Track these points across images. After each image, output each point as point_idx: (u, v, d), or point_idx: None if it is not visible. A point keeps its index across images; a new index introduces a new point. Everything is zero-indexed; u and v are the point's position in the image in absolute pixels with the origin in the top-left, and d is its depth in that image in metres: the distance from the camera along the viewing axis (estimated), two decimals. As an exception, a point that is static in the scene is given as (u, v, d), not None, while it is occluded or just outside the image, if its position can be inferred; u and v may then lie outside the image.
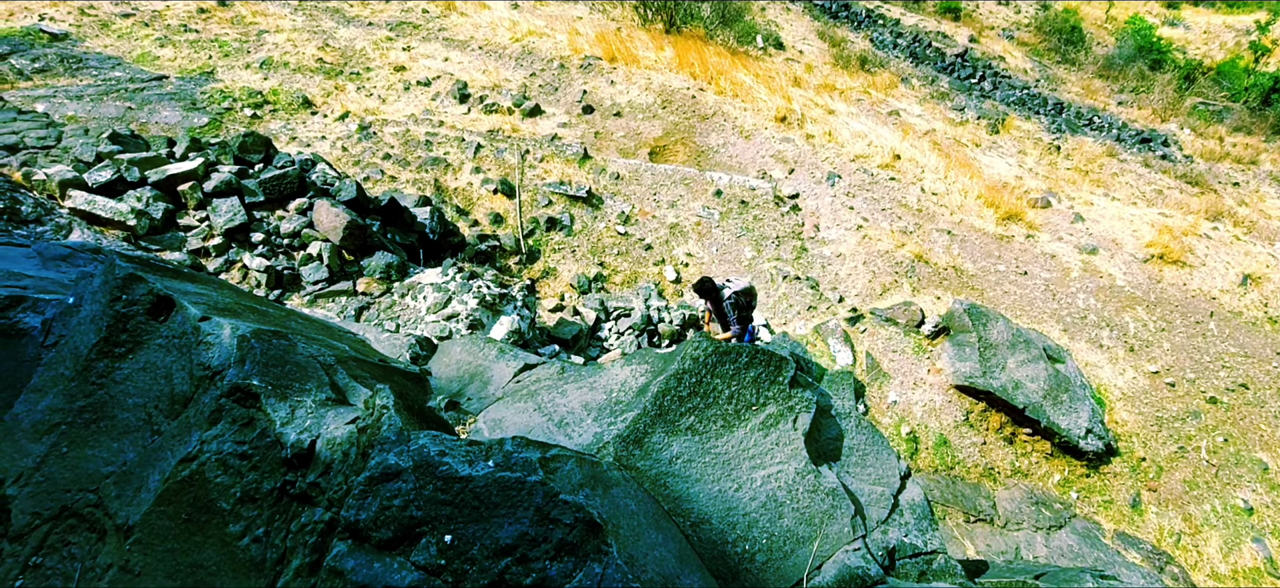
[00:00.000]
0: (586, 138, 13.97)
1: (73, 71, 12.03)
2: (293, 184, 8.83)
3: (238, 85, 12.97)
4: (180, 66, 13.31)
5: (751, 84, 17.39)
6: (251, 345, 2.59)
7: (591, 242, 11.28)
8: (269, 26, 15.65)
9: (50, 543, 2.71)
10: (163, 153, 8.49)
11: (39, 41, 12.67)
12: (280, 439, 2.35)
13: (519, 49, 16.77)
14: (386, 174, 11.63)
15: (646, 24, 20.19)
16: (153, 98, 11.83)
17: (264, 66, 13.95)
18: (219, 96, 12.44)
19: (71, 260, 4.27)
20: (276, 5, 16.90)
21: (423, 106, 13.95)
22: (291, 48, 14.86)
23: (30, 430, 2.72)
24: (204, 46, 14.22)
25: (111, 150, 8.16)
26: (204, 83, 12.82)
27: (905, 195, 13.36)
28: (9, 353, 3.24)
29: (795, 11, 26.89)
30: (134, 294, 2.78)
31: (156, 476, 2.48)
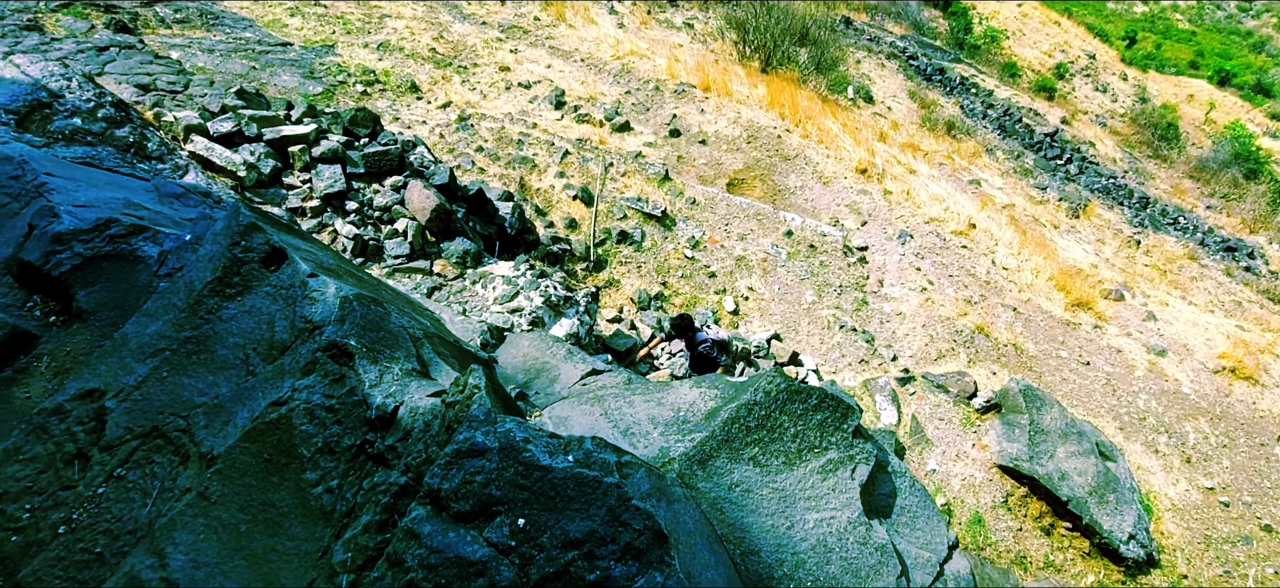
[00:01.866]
0: (669, 160, 14.03)
1: (209, 27, 12.68)
2: (392, 161, 9.07)
3: (354, 62, 13.46)
4: (305, 37, 13.89)
5: (837, 132, 17.22)
6: (352, 307, 2.66)
7: (658, 260, 11.29)
8: (391, 11, 16.23)
9: (136, 458, 2.82)
10: (280, 114, 8.85)
11: (187, -6, 13.42)
12: (367, 400, 2.41)
13: (618, 66, 16.98)
14: (477, 165, 11.88)
15: (744, 60, 20.22)
16: (275, 62, 12.37)
17: (381, 48, 14.45)
18: (336, 70, 12.92)
19: (184, 199, 4.46)
20: (400, -7, 17.54)
21: (520, 107, 14.22)
22: (409, 34, 15.36)
23: (136, 351, 2.85)
24: (329, 22, 14.82)
25: (236, 104, 8.54)
26: (324, 55, 13.34)
27: (975, 265, 13.00)
28: (126, 277, 3.40)
29: (889, 69, 26.57)
30: (252, 242, 2.89)
31: (246, 413, 2.57)
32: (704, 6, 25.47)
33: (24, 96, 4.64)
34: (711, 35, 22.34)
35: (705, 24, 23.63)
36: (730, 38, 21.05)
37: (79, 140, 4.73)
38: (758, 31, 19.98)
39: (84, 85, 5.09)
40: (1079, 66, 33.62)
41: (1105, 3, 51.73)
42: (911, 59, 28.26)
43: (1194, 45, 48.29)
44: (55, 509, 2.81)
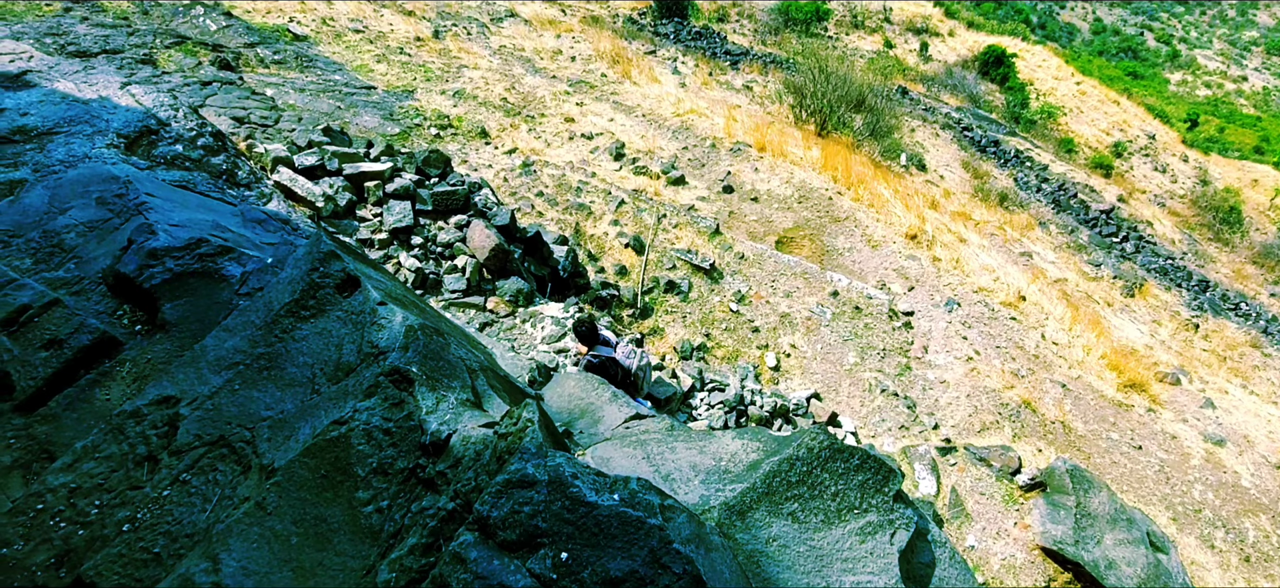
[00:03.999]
0: (721, 215, 14.07)
1: (303, 69, 13.32)
2: (458, 201, 9.32)
3: (431, 107, 13.94)
4: (388, 82, 14.47)
5: (888, 197, 17.05)
6: (416, 336, 2.72)
7: (703, 312, 11.25)
8: (469, 63, 16.82)
9: (201, 465, 2.91)
10: (360, 151, 9.20)
11: (283, 38, 14.14)
12: (422, 425, 2.45)
13: (678, 123, 17.20)
14: (536, 209, 12.10)
15: (800, 123, 20.28)
16: (359, 103, 12.89)
17: (456, 95, 14.94)
18: (413, 113, 13.40)
19: (265, 225, 4.64)
20: (479, 46, 18.17)
21: (581, 157, 14.49)
22: (483, 84, 15.88)
23: (213, 363, 2.96)
24: (412, 69, 15.42)
25: (321, 141, 8.92)
26: (403, 99, 13.86)
27: (1024, 338, 12.61)
28: (209, 293, 3.55)
29: (943, 139, 26.32)
30: (329, 269, 3.00)
31: (307, 430, 2.63)
32: (763, 70, 25.73)
33: (136, 123, 4.94)
34: (769, 98, 22.51)
35: (764, 87, 23.84)
36: (788, 101, 21.17)
37: (178, 165, 4.99)
38: (815, 96, 20.05)
39: (188, 116, 5.39)
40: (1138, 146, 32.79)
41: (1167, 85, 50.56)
42: (966, 130, 27.94)
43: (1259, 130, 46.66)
44: (122, 508, 2.91)
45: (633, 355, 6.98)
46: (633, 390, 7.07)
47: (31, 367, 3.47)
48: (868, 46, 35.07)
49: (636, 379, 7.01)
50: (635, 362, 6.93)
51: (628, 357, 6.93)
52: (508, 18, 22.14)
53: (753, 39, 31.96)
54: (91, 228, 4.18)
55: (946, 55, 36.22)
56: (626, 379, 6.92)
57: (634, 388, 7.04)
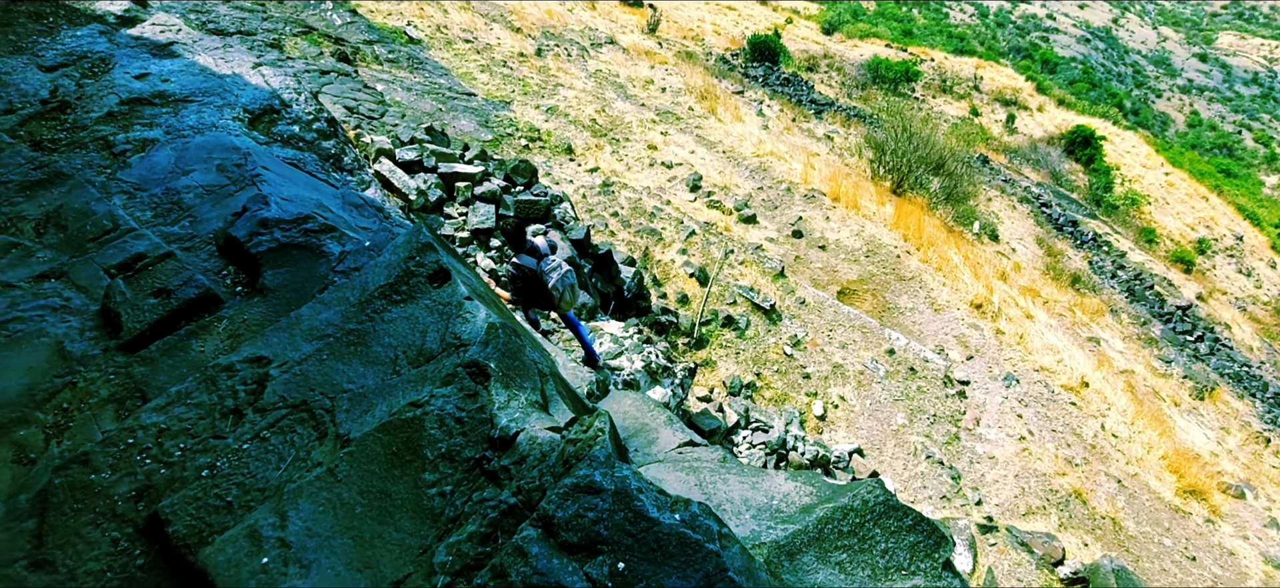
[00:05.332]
0: (787, 258, 13.91)
1: (412, 70, 13.84)
2: (539, 211, 9.48)
3: (524, 119, 14.27)
4: (489, 91, 14.89)
5: (957, 263, 16.56)
6: (497, 334, 2.77)
7: (757, 351, 11.08)
8: (565, 82, 17.18)
9: (282, 425, 3.00)
10: (456, 153, 9.47)
11: (399, 39, 14.73)
12: (493, 419, 2.47)
13: (756, 163, 17.15)
14: (609, 228, 12.19)
15: (876, 179, 19.95)
16: (459, 108, 13.29)
17: (549, 111, 15.27)
18: (507, 123, 13.74)
19: (361, 210, 4.79)
20: (577, 68, 18.55)
21: (659, 184, 14.57)
22: (575, 104, 16.18)
23: (306, 332, 3.06)
24: (511, 82, 15.84)
25: (423, 139, 9.23)
26: (500, 109, 14.23)
27: (1082, 425, 11.99)
28: (308, 267, 3.69)
29: (1020, 213, 25.46)
30: (425, 259, 3.08)
31: (384, 407, 2.69)
32: (846, 123, 25.46)
33: (261, 101, 5.21)
34: (849, 150, 22.23)
35: (844, 139, 23.57)
36: (867, 155, 20.87)
37: (292, 144, 5.22)
38: (894, 154, 19.71)
39: (308, 101, 5.65)
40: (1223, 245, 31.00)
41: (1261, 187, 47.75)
42: (1044, 206, 26.97)
43: (1357, 247, 43.44)
44: (203, 454, 3.01)
45: (556, 271, 6.40)
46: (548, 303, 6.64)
47: (139, 311, 3.65)
48: (953, 112, 34.32)
49: (556, 296, 6.49)
50: (556, 277, 6.38)
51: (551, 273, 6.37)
52: (607, 45, 22.54)
53: (839, 91, 31.68)
54: (209, 192, 4.40)
55: (1033, 129, 35.11)
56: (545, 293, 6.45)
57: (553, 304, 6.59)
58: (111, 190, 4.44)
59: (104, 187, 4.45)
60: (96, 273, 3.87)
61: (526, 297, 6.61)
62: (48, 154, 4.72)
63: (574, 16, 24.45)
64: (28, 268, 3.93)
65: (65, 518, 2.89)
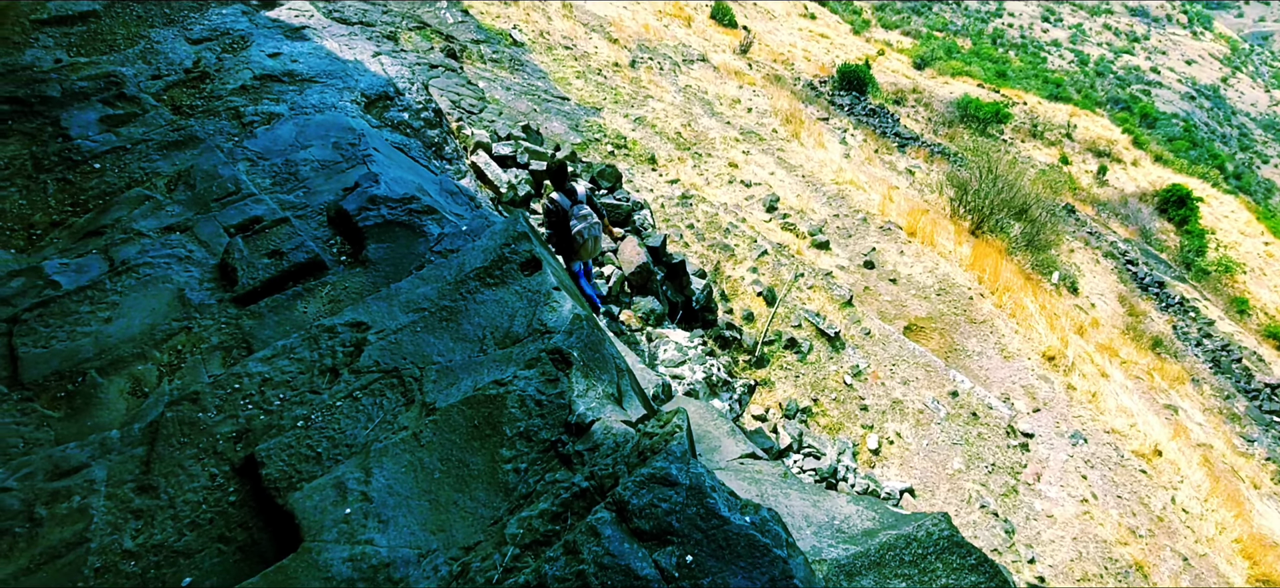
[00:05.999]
0: (856, 287, 13.58)
1: (513, 70, 14.21)
2: (620, 215, 9.57)
3: (612, 126, 14.44)
4: (581, 97, 15.14)
5: (1032, 312, 15.82)
6: (581, 325, 2.82)
7: (817, 377, 10.83)
8: (655, 94, 17.31)
9: (373, 389, 3.12)
10: (547, 152, 9.67)
11: (504, 41, 15.17)
12: (571, 406, 2.52)
13: (835, 190, 16.85)
14: (684, 239, 12.19)
15: (955, 217, 19.31)
16: (552, 110, 13.57)
17: (636, 121, 15.41)
18: (596, 128, 13.93)
19: (455, 197, 4.93)
20: (667, 82, 18.67)
21: (736, 201, 14.49)
22: (662, 115, 16.27)
23: (404, 304, 3.18)
24: (604, 89, 16.07)
25: (519, 136, 9.48)
26: (591, 114, 14.45)
27: (1151, 496, 11.23)
28: (408, 244, 3.84)
29: (1103, 267, 24.18)
30: (519, 248, 3.18)
31: (469, 383, 2.77)
32: (929, 158, 24.75)
33: (378, 87, 5.46)
34: (929, 186, 21.59)
35: (926, 174, 22.90)
36: (947, 193, 20.22)
37: (401, 130, 5.45)
38: (976, 194, 19.02)
39: (419, 90, 5.89)
40: (1326, 326, 28.58)
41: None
42: (1130, 263, 25.51)
43: None
44: (300, 406, 3.16)
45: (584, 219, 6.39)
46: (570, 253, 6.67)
47: (254, 269, 3.87)
48: (1042, 157, 32.90)
49: (578, 243, 6.48)
50: (583, 226, 6.36)
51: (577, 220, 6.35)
52: (699, 62, 22.60)
53: (925, 126, 30.83)
54: (324, 166, 4.63)
55: (1125, 183, 33.31)
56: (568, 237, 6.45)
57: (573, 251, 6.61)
58: (237, 157, 4.72)
59: (231, 153, 4.74)
60: (217, 230, 4.12)
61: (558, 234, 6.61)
62: (185, 118, 5.06)
63: (670, 33, 24.62)
64: (158, 220, 4.22)
65: (171, 450, 3.07)
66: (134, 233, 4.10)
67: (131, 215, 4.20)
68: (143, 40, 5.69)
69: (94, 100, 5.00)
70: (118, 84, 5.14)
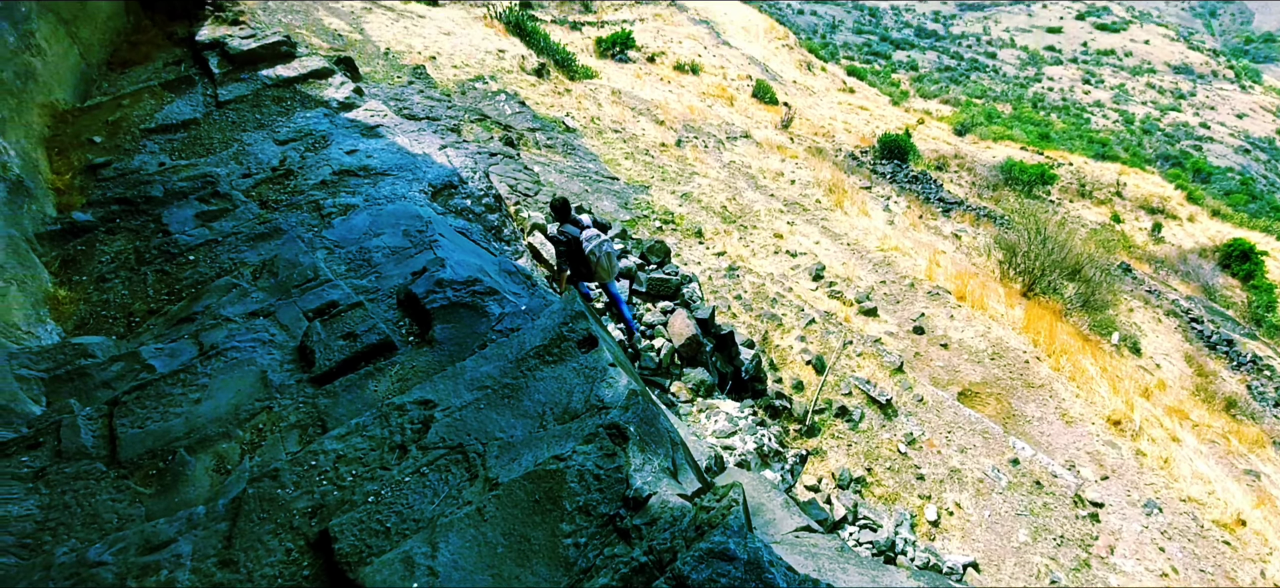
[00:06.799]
0: (907, 353, 13.22)
1: (565, 154, 14.70)
2: (669, 289, 9.63)
3: (659, 203, 14.69)
4: (630, 177, 15.50)
5: (1093, 374, 15.08)
6: (637, 400, 2.85)
7: (870, 446, 10.45)
8: (700, 171, 17.61)
9: (439, 464, 3.18)
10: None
11: (558, 128, 15.76)
12: (629, 480, 2.52)
13: (880, 256, 16.65)
14: (732, 310, 12.15)
15: (1005, 279, 18.78)
16: (603, 190, 13.91)
17: (683, 197, 15.65)
18: (644, 205, 14.19)
19: (514, 277, 5.07)
20: (712, 158, 19.00)
21: (782, 271, 14.44)
22: (708, 191, 16.50)
23: (468, 382, 3.27)
24: (651, 169, 16.44)
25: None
26: (639, 192, 14.75)
27: (1237, 569, 10.34)
28: (471, 324, 3.96)
29: (1166, 326, 23.03)
30: (576, 326, 3.25)
31: (530, 457, 2.81)
32: (975, 222, 24.30)
33: (444, 177, 5.73)
34: (977, 250, 21.13)
35: (973, 238, 22.46)
36: (996, 256, 19.73)
37: (464, 215, 5.67)
38: (1026, 256, 18.51)
39: (482, 178, 6.15)
40: None
41: None
42: (1194, 322, 24.22)
43: None
44: (370, 481, 3.23)
45: (594, 239, 6.59)
46: (589, 274, 6.87)
47: (330, 350, 4.02)
48: (1092, 217, 31.94)
49: (593, 263, 6.66)
50: (593, 244, 6.57)
51: (589, 241, 6.56)
52: (742, 138, 22.97)
53: (969, 191, 30.39)
54: (394, 252, 4.84)
55: (1182, 240, 31.97)
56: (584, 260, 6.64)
57: (591, 273, 6.79)
58: (316, 245, 4.98)
59: (310, 242, 5.00)
60: (297, 315, 4.32)
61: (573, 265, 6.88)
62: (270, 212, 5.39)
63: (713, 112, 25.16)
64: (243, 306, 4.45)
65: (251, 525, 3.16)
66: (222, 318, 4.33)
67: (220, 302, 4.45)
68: (236, 143, 6.14)
69: (191, 198, 5.38)
70: (212, 183, 5.53)
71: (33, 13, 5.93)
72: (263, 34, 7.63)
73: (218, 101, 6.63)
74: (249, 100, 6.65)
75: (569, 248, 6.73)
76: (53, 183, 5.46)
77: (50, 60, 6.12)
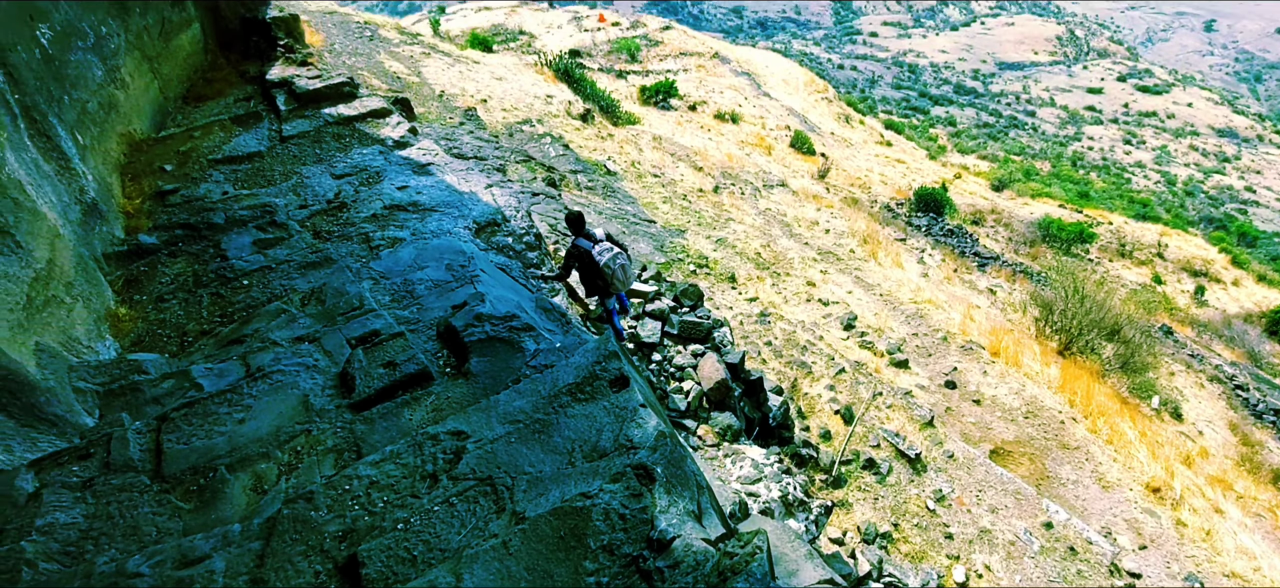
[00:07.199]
0: (938, 408, 12.85)
1: (605, 196, 14.87)
2: (700, 332, 9.57)
3: (695, 247, 14.71)
4: (667, 220, 15.59)
5: (1132, 438, 14.44)
6: (665, 442, 2.82)
7: (897, 500, 10.09)
8: (736, 217, 17.63)
9: (468, 495, 3.17)
10: (635, 272, 9.91)
11: (599, 171, 15.99)
12: (653, 521, 2.48)
13: (913, 309, 16.34)
14: (762, 356, 12.00)
15: (1041, 337, 18.24)
16: (640, 232, 14.00)
17: (718, 242, 15.65)
18: (679, 249, 14.23)
19: (549, 314, 5.09)
20: (748, 205, 19.02)
21: (813, 319, 14.26)
22: (742, 237, 16.48)
23: (501, 416, 3.27)
24: (688, 213, 16.51)
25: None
26: (675, 236, 14.81)
27: (1288, 647, 9.67)
28: (507, 358, 3.98)
29: (1209, 392, 22.04)
30: (609, 366, 3.25)
31: (557, 494, 2.78)
32: (1011, 278, 23.74)
33: (488, 215, 5.85)
34: (1012, 306, 20.61)
35: (1008, 295, 21.93)
36: (1032, 313, 19.20)
37: (505, 252, 5.76)
38: (1063, 314, 17.97)
39: (524, 217, 6.26)
40: None
41: None
42: (1239, 388, 23.10)
43: None
44: (401, 509, 3.23)
45: (607, 253, 6.64)
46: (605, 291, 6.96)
47: (370, 378, 4.07)
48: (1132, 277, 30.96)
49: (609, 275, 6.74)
50: (607, 258, 6.63)
51: (601, 253, 6.62)
52: (778, 187, 22.97)
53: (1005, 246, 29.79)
54: (437, 285, 4.91)
55: (1226, 304, 30.76)
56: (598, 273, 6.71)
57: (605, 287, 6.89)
58: (363, 276, 5.08)
59: (358, 272, 5.11)
60: (341, 342, 4.39)
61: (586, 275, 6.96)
62: (323, 242, 5.53)
63: (751, 161, 25.26)
64: (291, 331, 4.54)
65: (284, 545, 3.17)
66: (270, 342, 4.42)
67: (269, 326, 4.55)
68: (295, 176, 6.35)
69: (250, 226, 5.57)
70: (271, 212, 5.71)
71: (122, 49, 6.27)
72: (328, 75, 7.94)
73: (282, 136, 6.90)
74: (311, 136, 6.90)
75: (582, 261, 6.81)
76: (123, 206, 5.71)
77: (132, 93, 6.45)
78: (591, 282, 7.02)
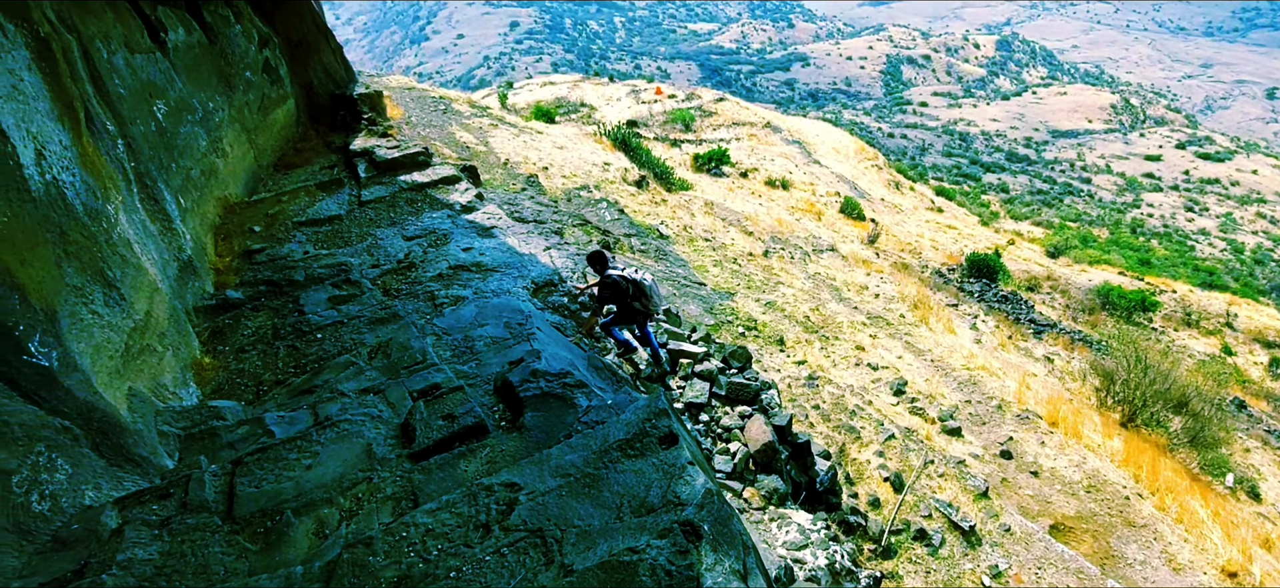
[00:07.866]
0: (992, 478, 12.18)
1: (657, 259, 15.03)
2: (748, 394, 9.43)
3: (743, 310, 14.63)
4: (716, 283, 15.60)
5: (1204, 518, 13.35)
6: (713, 500, 2.78)
7: (950, 575, 9.49)
8: (785, 281, 17.51)
9: (519, 546, 3.16)
10: (685, 333, 9.91)
11: (652, 235, 16.21)
12: (700, 579, 2.44)
13: (965, 375, 15.74)
14: (809, 420, 11.70)
15: (1102, 407, 17.25)
16: (690, 294, 14.03)
17: (767, 305, 15.54)
18: (728, 311, 14.17)
19: (600, 372, 5.12)
20: (797, 269, 18.90)
21: (862, 383, 13.88)
22: (792, 300, 16.33)
23: (553, 469, 3.29)
24: (738, 276, 16.50)
25: (660, 319, 9.82)
26: (724, 299, 14.78)
27: None
28: (560, 414, 4.02)
29: (1291, 471, 20.28)
30: (658, 423, 3.25)
31: (604, 547, 2.76)
32: (1069, 346, 22.67)
33: (545, 276, 6.00)
34: (1071, 375, 19.62)
35: (1066, 363, 20.91)
36: (1092, 382, 18.22)
37: (560, 311, 5.87)
38: (1126, 385, 16.97)
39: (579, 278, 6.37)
40: None
41: None
42: (1327, 469, 21.18)
43: None
44: (453, 558, 3.24)
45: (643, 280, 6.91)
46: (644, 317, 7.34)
47: (430, 429, 4.16)
48: (1199, 348, 29.14)
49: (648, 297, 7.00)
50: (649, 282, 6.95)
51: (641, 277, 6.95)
52: (828, 251, 22.78)
53: (1062, 314, 28.55)
54: (495, 342, 5.02)
55: (1305, 379, 28.50)
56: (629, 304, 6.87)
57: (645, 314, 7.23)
58: (426, 332, 5.24)
59: (422, 328, 5.28)
60: (404, 394, 4.51)
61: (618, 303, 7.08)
62: (392, 299, 5.75)
63: (801, 226, 25.18)
64: (358, 383, 4.69)
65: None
66: (338, 393, 4.58)
67: (338, 378, 4.72)
68: (370, 237, 6.67)
69: (326, 283, 5.84)
70: (346, 271, 5.98)
71: (225, 122, 6.79)
72: (405, 145, 8.38)
73: (360, 201, 7.28)
74: (386, 201, 7.26)
75: (615, 290, 6.93)
76: (214, 264, 6.08)
77: (231, 161, 6.94)
78: (628, 309, 7.18)
